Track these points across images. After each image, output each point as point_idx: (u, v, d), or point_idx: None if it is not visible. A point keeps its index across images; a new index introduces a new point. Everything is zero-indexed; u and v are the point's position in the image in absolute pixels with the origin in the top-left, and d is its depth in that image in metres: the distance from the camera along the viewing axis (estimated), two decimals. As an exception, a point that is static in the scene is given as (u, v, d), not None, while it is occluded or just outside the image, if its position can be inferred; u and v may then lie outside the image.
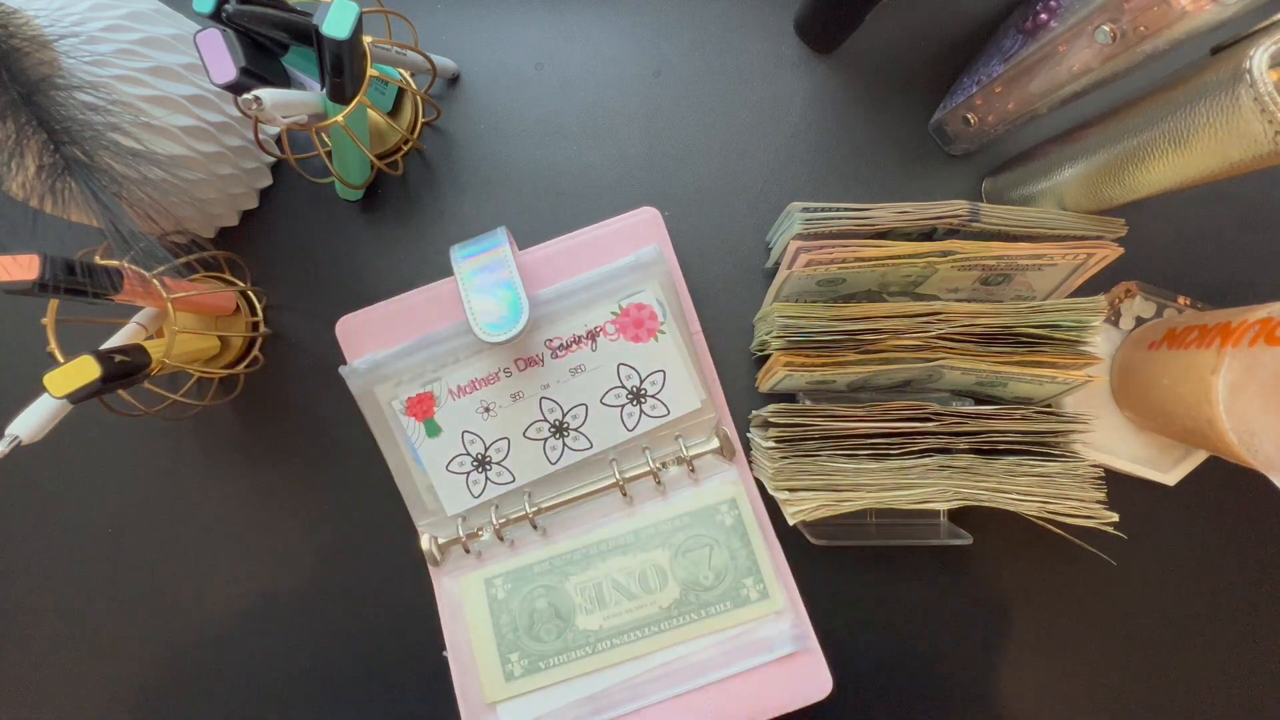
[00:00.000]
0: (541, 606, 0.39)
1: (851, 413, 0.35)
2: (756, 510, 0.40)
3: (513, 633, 0.39)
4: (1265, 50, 0.24)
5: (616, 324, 0.40)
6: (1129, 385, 0.39)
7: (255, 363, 0.41)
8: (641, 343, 0.40)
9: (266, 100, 0.29)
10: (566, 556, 0.39)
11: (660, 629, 0.38)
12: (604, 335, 0.40)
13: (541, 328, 0.40)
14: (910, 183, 0.42)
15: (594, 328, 0.40)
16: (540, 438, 0.40)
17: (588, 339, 0.40)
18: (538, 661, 0.38)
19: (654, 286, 0.40)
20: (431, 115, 0.43)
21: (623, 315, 0.40)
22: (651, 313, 0.40)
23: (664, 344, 0.40)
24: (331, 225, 0.43)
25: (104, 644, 0.42)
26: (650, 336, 0.40)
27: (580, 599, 0.39)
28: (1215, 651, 0.40)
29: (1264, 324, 0.31)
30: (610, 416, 0.40)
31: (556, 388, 0.40)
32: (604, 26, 0.43)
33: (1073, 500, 0.35)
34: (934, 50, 0.42)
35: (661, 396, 0.40)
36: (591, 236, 0.41)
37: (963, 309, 0.34)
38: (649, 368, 0.40)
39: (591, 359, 0.40)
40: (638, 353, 0.40)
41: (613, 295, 0.40)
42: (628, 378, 0.40)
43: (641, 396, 0.40)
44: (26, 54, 0.27)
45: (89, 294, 0.30)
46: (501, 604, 0.39)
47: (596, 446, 0.40)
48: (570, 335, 0.40)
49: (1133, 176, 0.31)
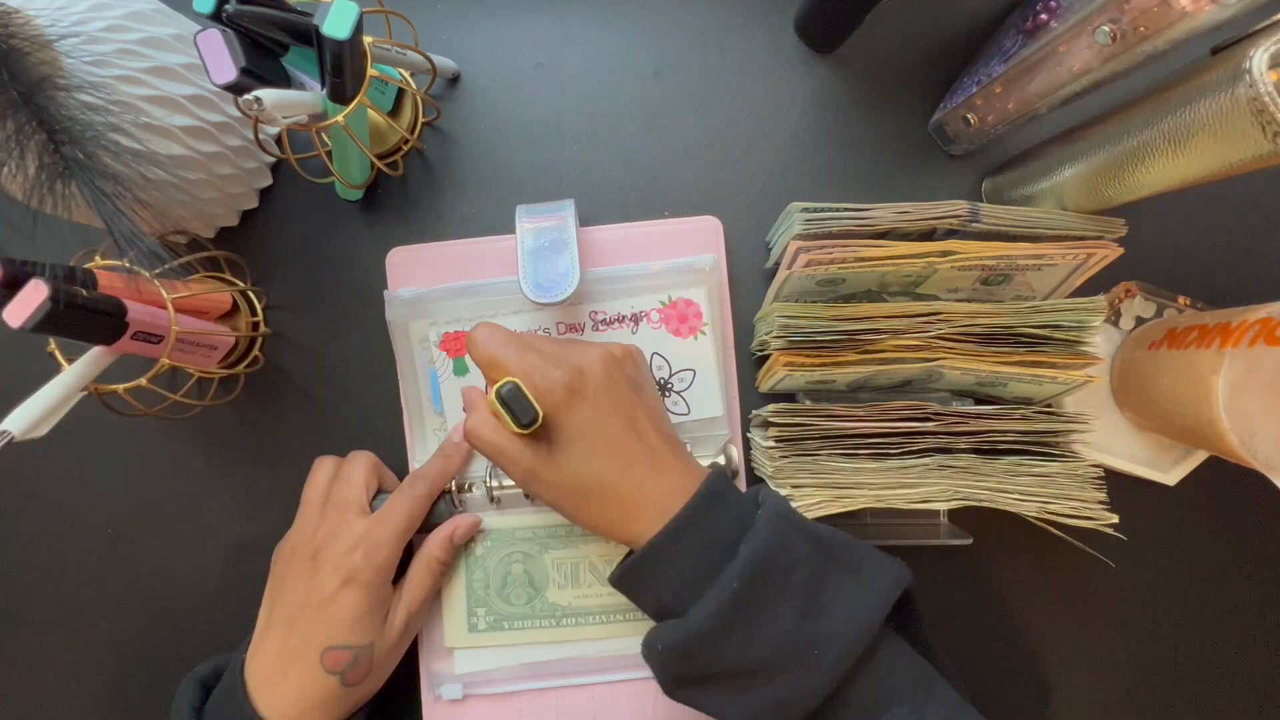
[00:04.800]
0: (517, 571, 0.40)
1: (851, 412, 0.35)
2: None
3: (484, 589, 0.39)
4: (1265, 50, 0.24)
5: (662, 314, 0.40)
6: (1129, 385, 0.39)
7: (255, 363, 0.41)
8: (681, 337, 0.40)
9: (266, 100, 0.29)
10: (551, 530, 0.40)
11: (627, 619, 0.39)
12: (647, 321, 0.40)
13: (585, 302, 0.40)
14: (910, 183, 0.42)
15: (639, 311, 0.40)
16: None
17: (631, 320, 0.40)
18: (502, 621, 0.39)
19: (702, 294, 0.40)
20: (431, 115, 0.43)
21: (669, 307, 0.40)
22: (698, 310, 0.40)
23: (702, 345, 0.40)
24: (331, 225, 0.43)
25: (103, 644, 0.42)
26: (691, 334, 0.40)
27: (555, 573, 0.40)
28: (1215, 651, 0.40)
29: (1264, 324, 0.31)
30: None
31: None
32: (604, 26, 0.43)
33: (1073, 500, 0.35)
34: (934, 50, 0.42)
35: (686, 395, 0.40)
36: (652, 230, 0.42)
37: (963, 309, 0.34)
38: (681, 364, 0.40)
39: (630, 340, 0.40)
40: (675, 346, 0.40)
41: (663, 290, 0.40)
42: (659, 368, 0.40)
43: (667, 389, 0.40)
44: (26, 54, 0.27)
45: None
46: (478, 560, 0.40)
47: None
48: (615, 313, 0.40)
49: (1133, 176, 0.31)
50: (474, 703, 0.39)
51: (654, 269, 0.40)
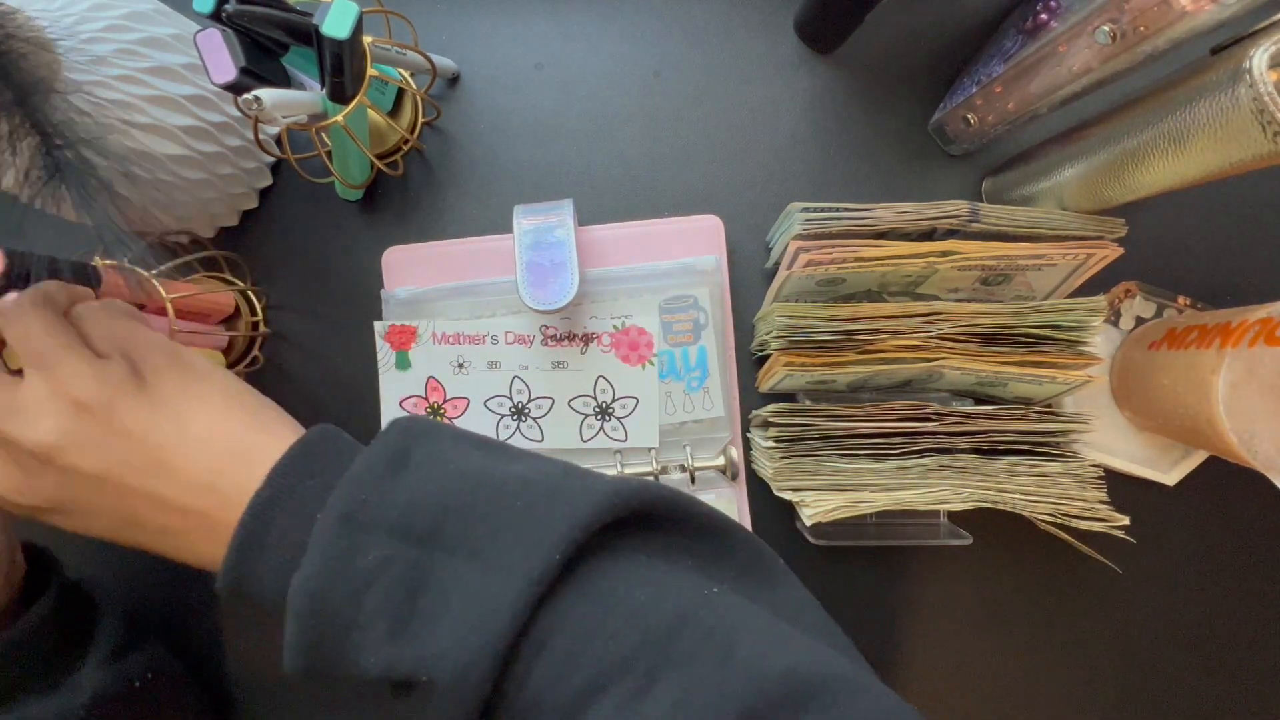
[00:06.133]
0: None
1: (851, 413, 0.35)
2: None
3: None
4: (1265, 50, 0.24)
5: (613, 338, 0.40)
6: (1129, 385, 0.39)
7: (255, 363, 0.41)
8: (630, 365, 0.40)
9: (266, 100, 0.29)
10: None
11: None
12: (597, 344, 0.40)
13: (584, 302, 0.40)
14: (910, 183, 0.42)
15: (590, 333, 0.40)
16: (499, 413, 0.40)
17: (581, 340, 0.40)
18: None
19: (703, 295, 0.40)
20: (431, 115, 0.43)
21: (621, 333, 0.40)
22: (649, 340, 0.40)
23: (649, 374, 0.40)
24: (331, 225, 0.43)
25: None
26: (640, 363, 0.40)
27: None
28: (1215, 651, 0.40)
29: (1264, 324, 0.31)
30: (571, 421, 0.40)
31: (534, 373, 0.40)
32: (604, 26, 0.43)
33: (1077, 501, 0.35)
34: (934, 50, 0.42)
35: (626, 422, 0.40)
36: (650, 230, 0.41)
37: (963, 309, 0.34)
38: (625, 391, 0.40)
39: (577, 360, 0.40)
40: (622, 373, 0.40)
41: (659, 294, 0.40)
42: (602, 391, 0.40)
43: (608, 414, 0.40)
44: (25, 54, 0.27)
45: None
46: None
47: (547, 443, 0.40)
48: (566, 331, 0.40)
49: (1132, 176, 0.31)
50: None
51: (653, 271, 0.40)
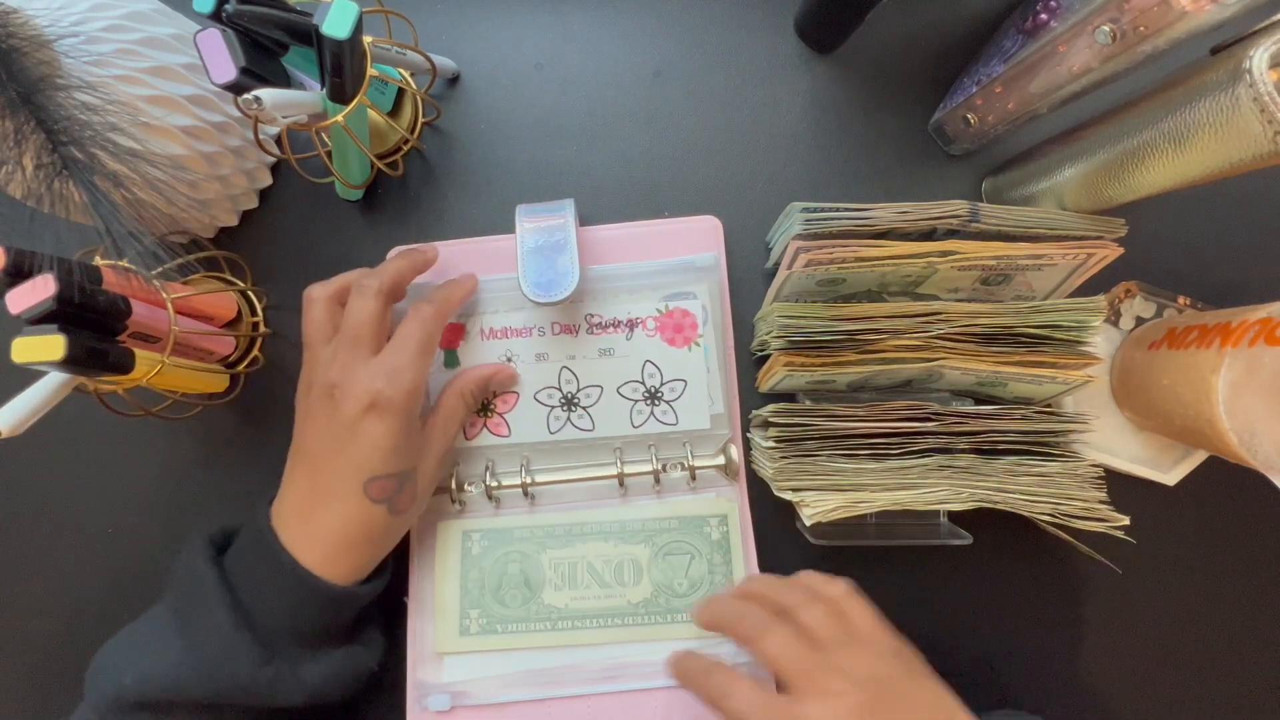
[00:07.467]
0: (513, 571, 0.39)
1: (851, 413, 0.35)
2: (744, 531, 0.39)
3: (479, 590, 0.39)
4: (1265, 50, 0.24)
5: (658, 322, 0.40)
6: (1129, 385, 0.39)
7: (255, 363, 0.41)
8: (676, 347, 0.40)
9: (266, 100, 0.29)
10: (549, 529, 0.40)
11: (624, 623, 0.38)
12: (642, 328, 0.40)
13: (584, 302, 0.40)
14: (910, 183, 0.42)
15: (635, 318, 0.40)
16: (549, 405, 0.40)
17: (626, 326, 0.40)
18: (496, 624, 0.38)
19: (703, 292, 0.40)
20: (431, 115, 0.43)
21: (665, 316, 0.40)
22: (694, 321, 0.40)
23: (695, 356, 0.40)
24: (331, 225, 0.43)
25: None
26: (686, 344, 0.40)
27: (552, 574, 0.39)
28: (1215, 651, 0.40)
29: (1264, 324, 0.31)
30: (621, 408, 0.40)
31: (581, 362, 0.40)
32: (604, 26, 0.43)
33: (1077, 501, 0.35)
34: (934, 50, 0.42)
35: (675, 405, 0.40)
36: (650, 230, 0.41)
37: (963, 309, 0.34)
38: (673, 374, 0.40)
39: (623, 346, 0.40)
40: (669, 356, 0.40)
41: (660, 290, 0.40)
42: (650, 376, 0.40)
43: (657, 398, 0.40)
44: (26, 54, 0.27)
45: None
46: (474, 559, 0.39)
47: (598, 432, 0.40)
48: (611, 317, 0.40)
49: (1133, 176, 0.31)
50: (462, 714, 0.37)
51: (654, 268, 0.40)
